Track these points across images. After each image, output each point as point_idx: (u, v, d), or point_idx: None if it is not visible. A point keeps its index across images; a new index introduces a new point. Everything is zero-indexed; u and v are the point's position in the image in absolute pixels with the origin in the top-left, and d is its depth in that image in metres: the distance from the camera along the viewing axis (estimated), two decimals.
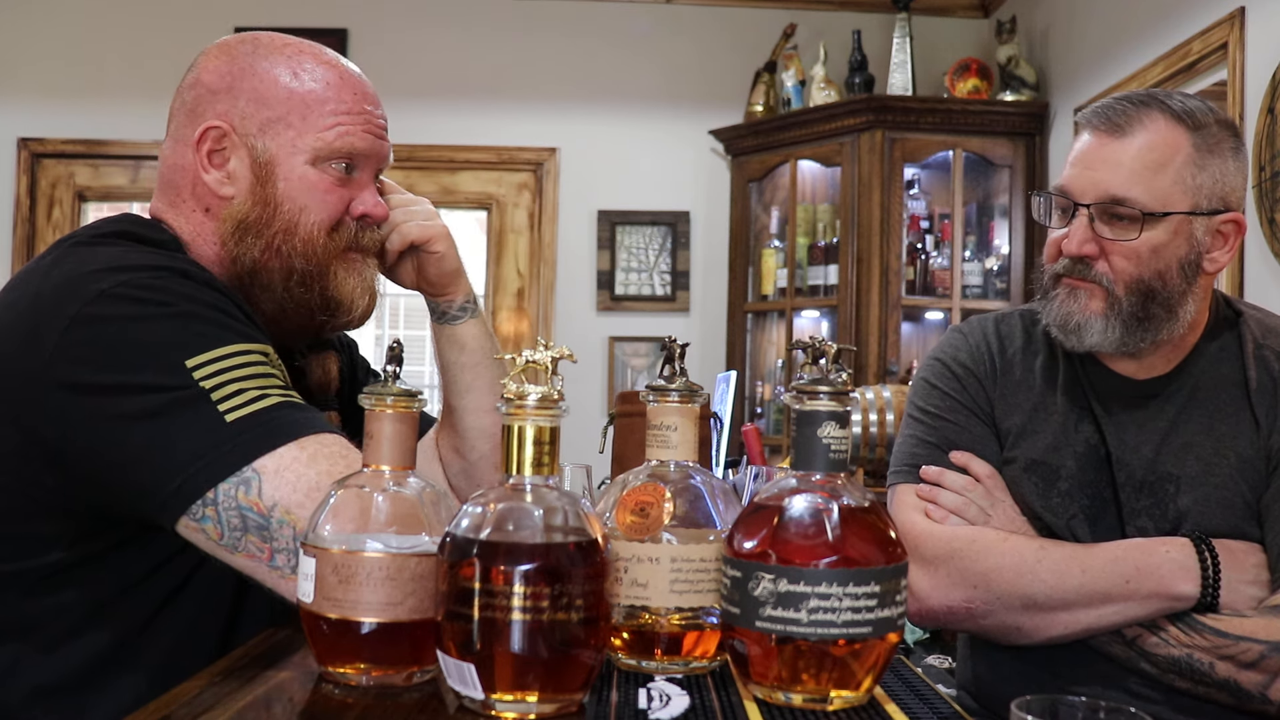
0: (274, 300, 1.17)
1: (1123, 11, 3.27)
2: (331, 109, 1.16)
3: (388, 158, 1.23)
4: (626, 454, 1.43)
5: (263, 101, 1.15)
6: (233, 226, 1.14)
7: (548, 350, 0.79)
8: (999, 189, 3.87)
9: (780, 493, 0.82)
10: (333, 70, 1.18)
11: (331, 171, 1.16)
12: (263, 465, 0.95)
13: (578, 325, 4.23)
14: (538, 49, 4.27)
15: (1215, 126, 1.24)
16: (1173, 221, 1.22)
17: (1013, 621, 1.21)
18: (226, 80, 1.15)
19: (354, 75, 1.20)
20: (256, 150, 1.14)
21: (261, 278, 1.15)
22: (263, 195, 1.14)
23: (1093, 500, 1.27)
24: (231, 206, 1.15)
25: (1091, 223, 1.24)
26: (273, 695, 0.82)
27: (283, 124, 1.15)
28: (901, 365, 3.63)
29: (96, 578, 1.05)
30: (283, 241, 1.15)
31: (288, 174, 1.15)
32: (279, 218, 1.15)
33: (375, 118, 1.20)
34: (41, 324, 1.00)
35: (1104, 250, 1.24)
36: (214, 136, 1.14)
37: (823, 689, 0.79)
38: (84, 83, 4.15)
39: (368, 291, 1.22)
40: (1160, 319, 1.24)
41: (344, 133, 1.16)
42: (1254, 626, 1.14)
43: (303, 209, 1.15)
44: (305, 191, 1.15)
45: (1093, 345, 1.26)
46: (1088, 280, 1.25)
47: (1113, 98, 1.27)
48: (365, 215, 1.20)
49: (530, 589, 0.73)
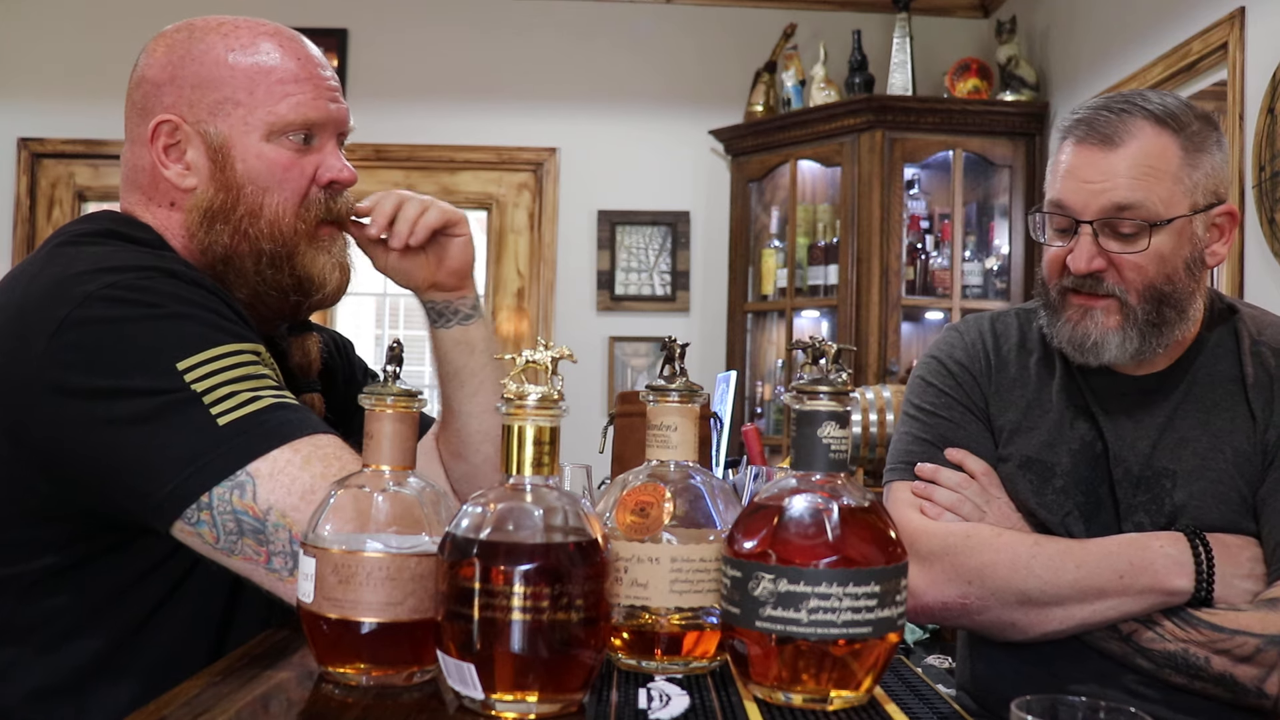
0: (248, 286, 1.15)
1: (1123, 11, 3.27)
2: (278, 79, 1.13)
3: (347, 120, 1.20)
4: (626, 454, 1.43)
5: (206, 85, 1.12)
6: (199, 216, 1.13)
7: (548, 350, 0.79)
8: (999, 189, 3.87)
9: (780, 493, 0.82)
10: (272, 39, 1.15)
11: (289, 144, 1.14)
12: (257, 469, 0.95)
13: (578, 325, 4.23)
14: (538, 49, 4.27)
15: (1197, 124, 1.24)
16: (1176, 225, 1.23)
17: (1008, 617, 1.21)
18: (168, 71, 1.13)
19: (298, 41, 1.17)
20: (210, 136, 1.12)
21: (234, 263, 1.14)
22: (223, 180, 1.13)
23: (1088, 497, 1.27)
24: (195, 197, 1.13)
25: (1096, 238, 1.23)
26: (272, 695, 0.82)
27: (230, 103, 1.12)
28: (901, 365, 3.63)
29: (91, 581, 1.04)
30: (249, 225, 1.13)
31: (244, 154, 1.13)
32: (243, 201, 1.13)
33: (325, 81, 1.16)
34: (30, 328, 0.99)
35: (1113, 262, 1.24)
36: (166, 131, 1.13)
37: (823, 689, 0.79)
38: (84, 83, 4.15)
39: (338, 266, 1.20)
40: (1173, 321, 1.25)
41: (297, 104, 1.13)
42: (1249, 620, 1.14)
43: (265, 189, 1.13)
44: (266, 171, 1.13)
45: (1111, 359, 1.26)
46: (1100, 295, 1.25)
47: (1089, 107, 1.26)
48: (334, 181, 1.17)
49: (530, 589, 0.73)
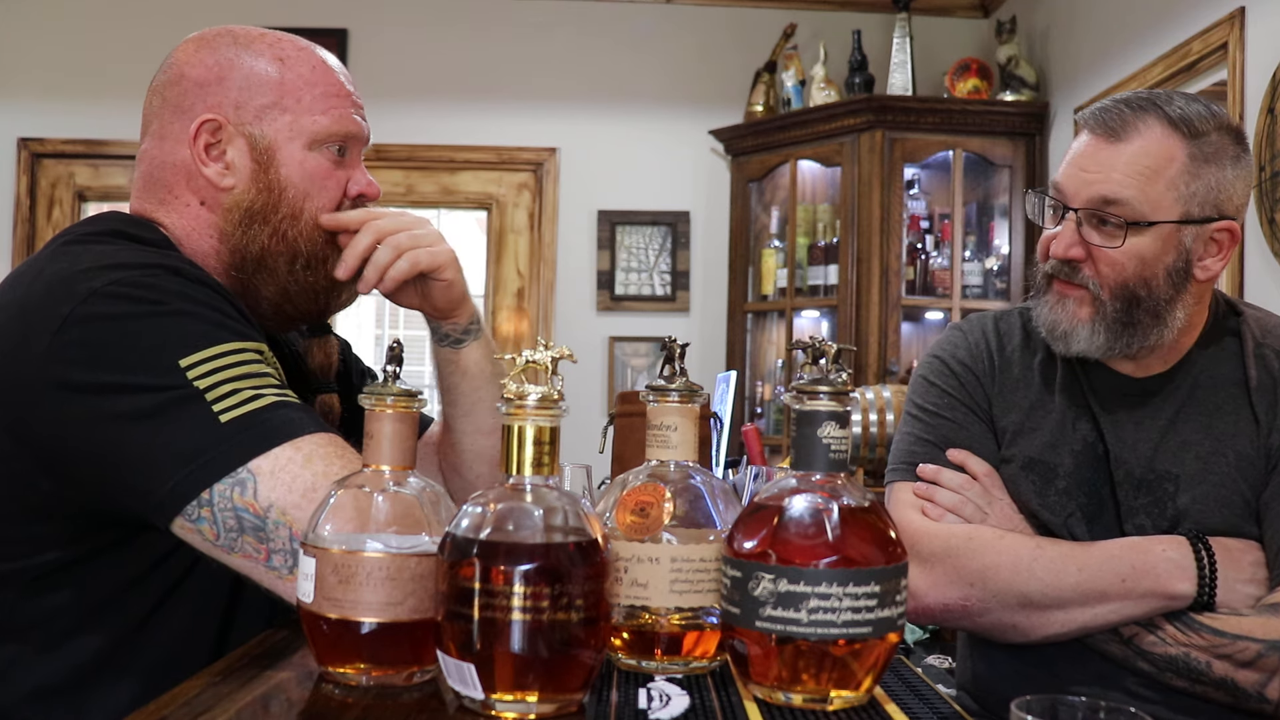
0: (278, 286, 1.18)
1: (1123, 11, 3.27)
2: (321, 92, 1.18)
3: (369, 138, 1.26)
4: (626, 454, 1.43)
5: (255, 89, 1.16)
6: (239, 216, 1.16)
7: (548, 350, 0.79)
8: (999, 189, 3.87)
9: (780, 493, 0.82)
10: (314, 56, 1.21)
11: (328, 154, 1.19)
12: (258, 466, 0.95)
13: (578, 325, 4.23)
14: (538, 49, 4.27)
15: (1215, 134, 1.22)
16: (1161, 230, 1.21)
17: (1009, 620, 1.21)
18: (214, 72, 1.16)
19: (331, 59, 1.23)
20: (255, 138, 1.16)
21: (267, 263, 1.17)
22: (266, 182, 1.16)
23: (1090, 499, 1.26)
24: (233, 196, 1.16)
25: (1079, 226, 1.23)
26: (272, 695, 0.82)
27: (278, 109, 1.16)
28: (901, 365, 3.63)
29: (92, 578, 1.05)
30: (289, 227, 1.17)
31: (287, 159, 1.17)
32: (284, 203, 1.17)
33: (357, 99, 1.23)
34: (34, 324, 0.99)
35: (1090, 254, 1.24)
36: (209, 130, 1.15)
37: (823, 689, 0.79)
38: (84, 83, 4.15)
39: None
40: (1146, 325, 1.24)
41: (339, 116, 1.19)
42: (1251, 625, 1.14)
43: (306, 195, 1.18)
44: (306, 177, 1.17)
45: (1080, 352, 1.26)
46: (1075, 284, 1.25)
47: (1113, 99, 1.26)
48: (361, 195, 1.23)
49: (530, 589, 0.73)
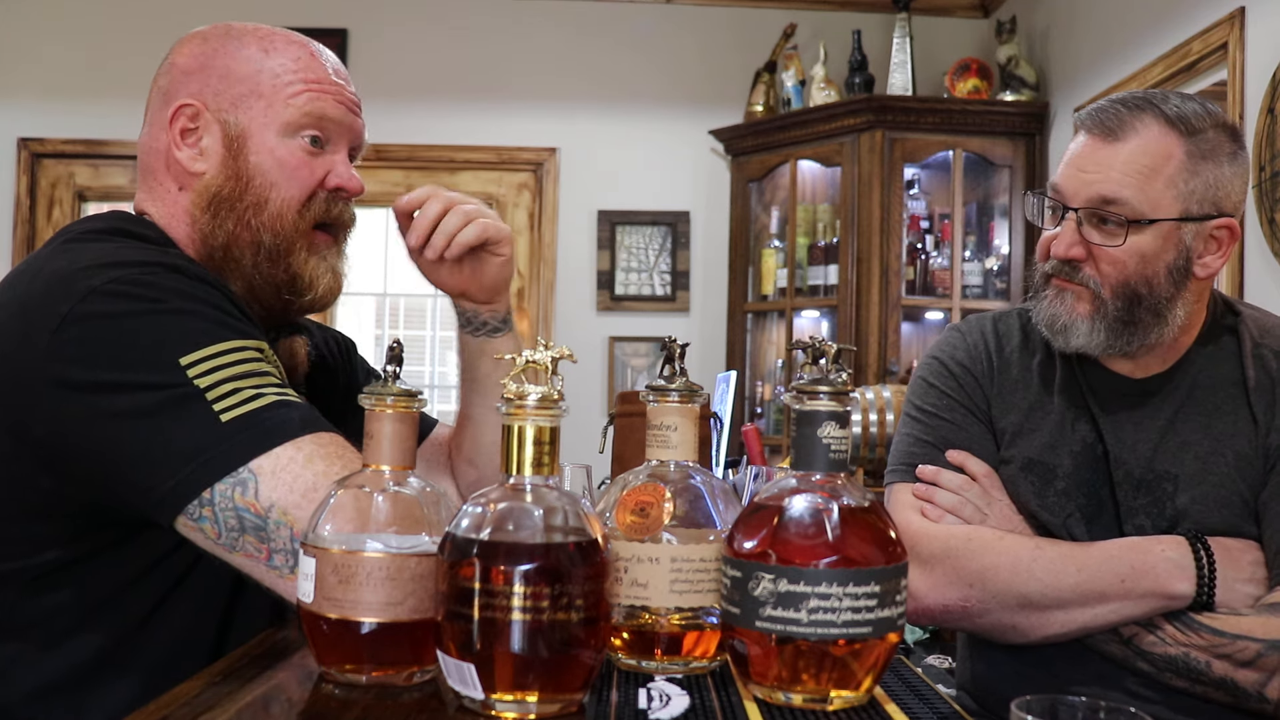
0: (244, 278, 1.17)
1: (1123, 11, 3.27)
2: (300, 78, 1.17)
3: (362, 135, 1.24)
4: (626, 454, 1.43)
5: (234, 77, 1.16)
6: (205, 201, 1.15)
7: (548, 350, 0.79)
8: (999, 189, 3.87)
9: (780, 493, 0.82)
10: (304, 48, 1.20)
11: (302, 144, 1.17)
12: (259, 466, 0.95)
13: (578, 325, 4.23)
14: (538, 49, 4.27)
15: (1212, 131, 1.23)
16: (1161, 228, 1.22)
17: (1009, 620, 1.21)
18: (199, 61, 1.17)
19: (326, 54, 1.22)
20: (229, 125, 1.16)
21: (233, 253, 1.16)
22: (234, 169, 1.15)
23: (1089, 499, 1.26)
24: (203, 181, 1.15)
25: (1080, 226, 1.24)
26: (272, 695, 0.82)
27: (254, 96, 1.16)
28: (901, 365, 3.63)
29: (93, 576, 1.05)
30: (253, 215, 1.16)
31: (259, 147, 1.16)
32: (250, 191, 1.15)
33: (346, 91, 1.21)
34: (33, 322, 0.99)
35: (1091, 254, 1.24)
36: (187, 115, 1.16)
37: (823, 689, 0.79)
38: (84, 83, 4.15)
39: (330, 271, 1.22)
40: (1147, 323, 1.24)
41: (313, 97, 1.17)
42: (1251, 625, 1.14)
43: (273, 184, 1.16)
44: (276, 166, 1.16)
45: (1079, 347, 1.27)
46: (1075, 282, 1.26)
47: (1110, 99, 1.27)
48: (340, 188, 1.20)
49: (530, 589, 0.73)
